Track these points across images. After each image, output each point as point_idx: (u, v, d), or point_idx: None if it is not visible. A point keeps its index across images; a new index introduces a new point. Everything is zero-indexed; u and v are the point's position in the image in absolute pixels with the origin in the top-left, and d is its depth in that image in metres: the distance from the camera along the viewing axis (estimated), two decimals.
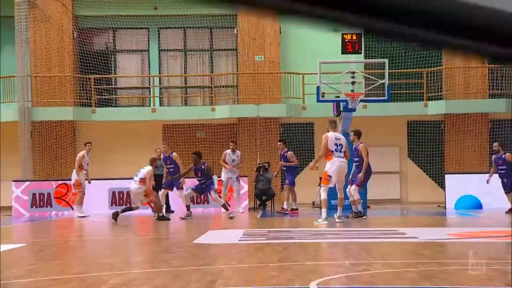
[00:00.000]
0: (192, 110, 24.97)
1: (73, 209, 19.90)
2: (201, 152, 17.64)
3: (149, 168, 16.54)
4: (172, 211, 19.61)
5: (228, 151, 19.65)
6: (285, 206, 18.71)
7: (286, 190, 18.98)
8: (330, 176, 14.24)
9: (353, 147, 15.84)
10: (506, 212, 16.90)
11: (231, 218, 16.38)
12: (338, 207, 14.66)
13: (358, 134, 16.48)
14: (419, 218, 16.52)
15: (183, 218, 16.40)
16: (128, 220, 16.89)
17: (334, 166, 14.26)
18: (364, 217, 15.54)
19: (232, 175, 19.55)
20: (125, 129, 22.49)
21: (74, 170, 18.95)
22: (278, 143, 19.49)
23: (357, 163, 15.57)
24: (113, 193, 20.24)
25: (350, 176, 15.86)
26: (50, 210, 20.49)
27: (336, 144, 14.32)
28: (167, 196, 19.33)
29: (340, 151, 14.32)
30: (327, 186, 14.37)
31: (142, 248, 10.71)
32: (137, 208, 16.74)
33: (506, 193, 17.23)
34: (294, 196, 18.94)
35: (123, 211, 16.50)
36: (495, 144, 17.47)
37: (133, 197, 16.65)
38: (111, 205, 20.09)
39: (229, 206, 17.26)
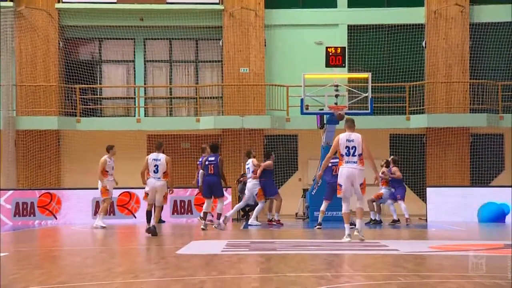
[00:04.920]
0: (176, 120, 25.04)
1: (56, 218, 19.86)
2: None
3: (163, 156, 14.87)
4: (163, 221, 19.52)
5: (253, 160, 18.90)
6: (276, 217, 18.53)
7: (273, 201, 18.90)
8: (340, 185, 12.73)
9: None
10: (389, 224, 18.33)
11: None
12: (357, 219, 13.06)
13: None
14: (400, 231, 16.64)
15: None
16: (112, 230, 16.88)
17: (342, 173, 12.70)
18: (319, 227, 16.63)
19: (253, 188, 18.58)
20: (110, 139, 22.38)
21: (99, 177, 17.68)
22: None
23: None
24: (97, 202, 20.20)
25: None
26: (33, 219, 20.45)
27: (347, 147, 12.60)
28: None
29: (353, 155, 12.59)
30: (344, 197, 12.82)
31: (125, 258, 10.74)
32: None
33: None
34: (271, 206, 18.90)
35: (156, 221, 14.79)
36: (383, 163, 19.30)
37: (159, 195, 14.84)
38: (94, 214, 20.06)
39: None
